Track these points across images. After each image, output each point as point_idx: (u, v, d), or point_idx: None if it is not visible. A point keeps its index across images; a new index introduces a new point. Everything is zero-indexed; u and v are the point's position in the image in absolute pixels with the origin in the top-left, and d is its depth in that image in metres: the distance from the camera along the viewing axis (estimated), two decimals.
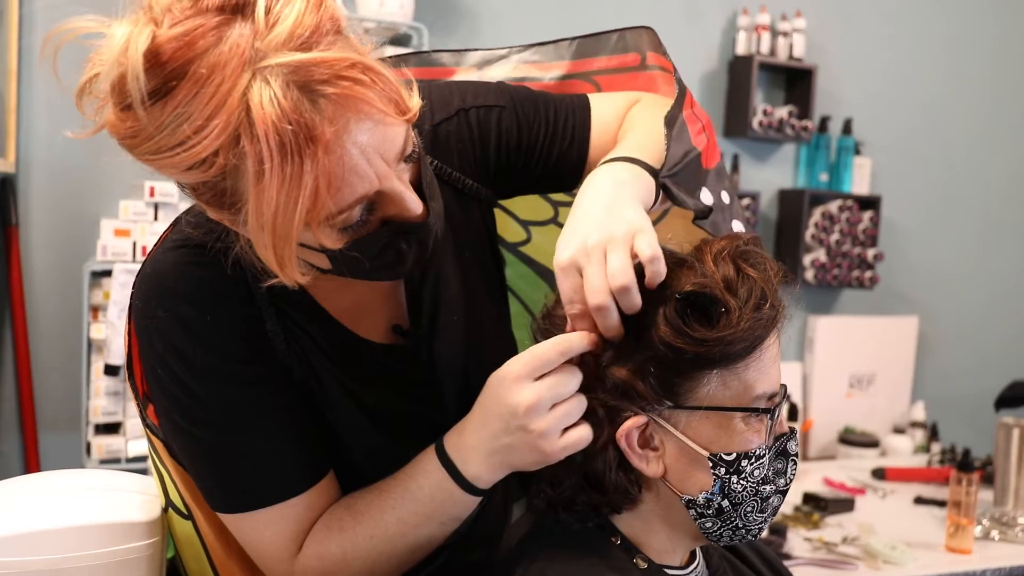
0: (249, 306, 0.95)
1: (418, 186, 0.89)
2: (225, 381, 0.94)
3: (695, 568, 1.01)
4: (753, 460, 0.90)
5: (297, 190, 0.77)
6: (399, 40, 2.42)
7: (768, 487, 0.91)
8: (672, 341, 0.86)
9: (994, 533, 2.22)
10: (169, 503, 1.08)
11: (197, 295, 0.94)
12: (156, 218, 2.16)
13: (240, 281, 0.94)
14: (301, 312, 0.98)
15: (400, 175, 0.86)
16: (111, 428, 2.17)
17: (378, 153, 0.82)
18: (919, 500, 2.49)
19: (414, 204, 0.87)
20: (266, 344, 0.96)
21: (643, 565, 0.94)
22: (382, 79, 0.81)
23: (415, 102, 0.84)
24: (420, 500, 0.96)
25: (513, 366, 0.91)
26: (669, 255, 0.91)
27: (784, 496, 0.95)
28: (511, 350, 1.07)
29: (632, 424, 0.90)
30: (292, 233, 0.78)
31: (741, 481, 0.90)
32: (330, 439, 1.01)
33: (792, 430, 0.95)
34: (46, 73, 2.35)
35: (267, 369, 0.96)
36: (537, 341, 0.94)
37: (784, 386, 0.94)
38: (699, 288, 0.87)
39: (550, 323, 0.96)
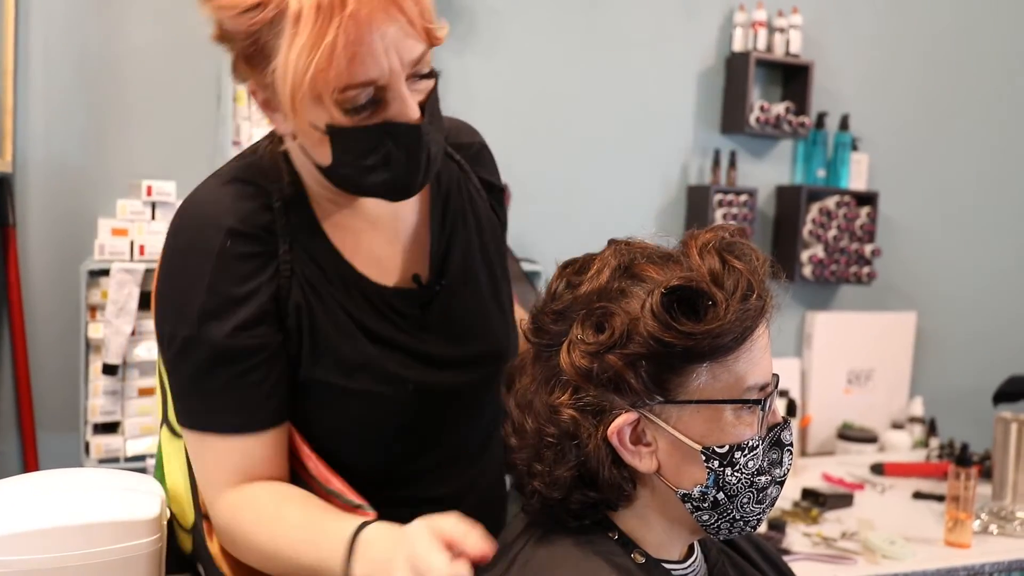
0: (267, 244, 1.05)
1: (424, 106, 1.00)
2: (219, 311, 1.02)
3: (693, 562, 1.01)
4: (747, 452, 0.90)
5: (319, 44, 0.90)
6: None
7: (763, 478, 0.91)
8: (660, 335, 0.86)
9: (993, 527, 2.22)
10: (165, 420, 1.17)
11: (226, 221, 1.04)
12: (153, 217, 2.16)
13: (267, 225, 1.05)
14: (319, 253, 1.08)
15: (411, 87, 0.98)
16: (109, 427, 2.17)
17: (396, 51, 0.95)
18: (918, 495, 2.49)
19: (413, 110, 0.98)
20: (270, 288, 1.05)
21: (641, 560, 0.94)
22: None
23: (442, 32, 0.99)
24: (308, 549, 1.00)
25: (443, 525, 0.93)
26: (655, 250, 0.92)
27: (781, 487, 0.95)
28: (510, 330, 1.20)
29: (623, 421, 0.89)
30: (310, 78, 0.92)
31: (736, 473, 0.90)
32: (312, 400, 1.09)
33: (786, 420, 0.95)
34: (43, 72, 2.37)
35: (261, 314, 1.04)
36: (529, 341, 0.97)
37: (776, 376, 0.94)
38: (685, 282, 0.87)
39: (540, 323, 0.96)
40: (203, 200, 1.08)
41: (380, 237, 1.13)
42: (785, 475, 0.94)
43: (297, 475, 1.12)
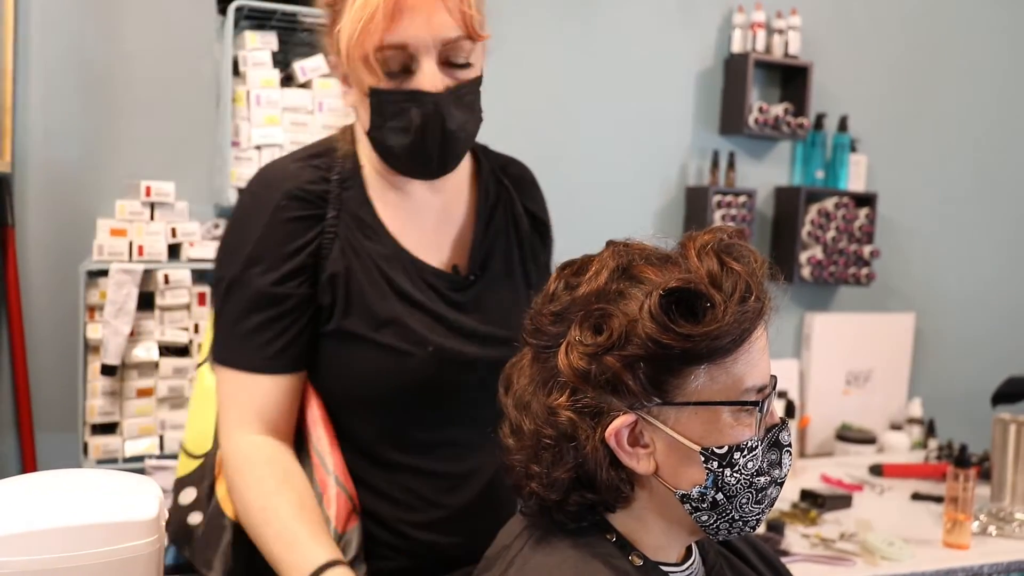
0: (317, 208, 1.21)
1: (452, 90, 1.14)
2: (263, 260, 1.18)
3: (691, 564, 1.01)
4: (746, 453, 0.90)
5: (367, 6, 1.09)
6: None
7: (763, 478, 0.91)
8: (658, 337, 0.86)
9: (991, 528, 2.22)
10: (208, 359, 1.32)
11: (286, 185, 1.21)
12: (152, 218, 2.15)
13: (321, 193, 1.21)
14: (366, 222, 1.23)
15: (445, 72, 1.14)
16: (108, 428, 2.17)
17: (429, 25, 1.10)
18: (916, 496, 2.49)
19: (433, 81, 1.13)
20: (311, 247, 1.20)
21: (638, 562, 0.94)
22: None
23: (482, 28, 1.14)
24: (282, 549, 1.14)
25: None
26: (653, 251, 0.93)
27: (781, 487, 0.95)
28: None
29: (621, 423, 0.89)
30: (356, 36, 1.11)
31: (735, 474, 0.90)
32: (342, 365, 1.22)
33: (784, 421, 0.95)
34: (42, 72, 2.37)
35: (299, 269, 1.19)
36: (527, 343, 0.97)
37: (774, 377, 0.94)
38: (683, 283, 0.87)
39: (538, 324, 0.96)
40: (273, 167, 1.27)
41: (426, 223, 1.27)
42: (784, 476, 0.95)
43: (303, 448, 1.25)
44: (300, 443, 1.26)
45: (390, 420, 1.24)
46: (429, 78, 1.13)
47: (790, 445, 0.94)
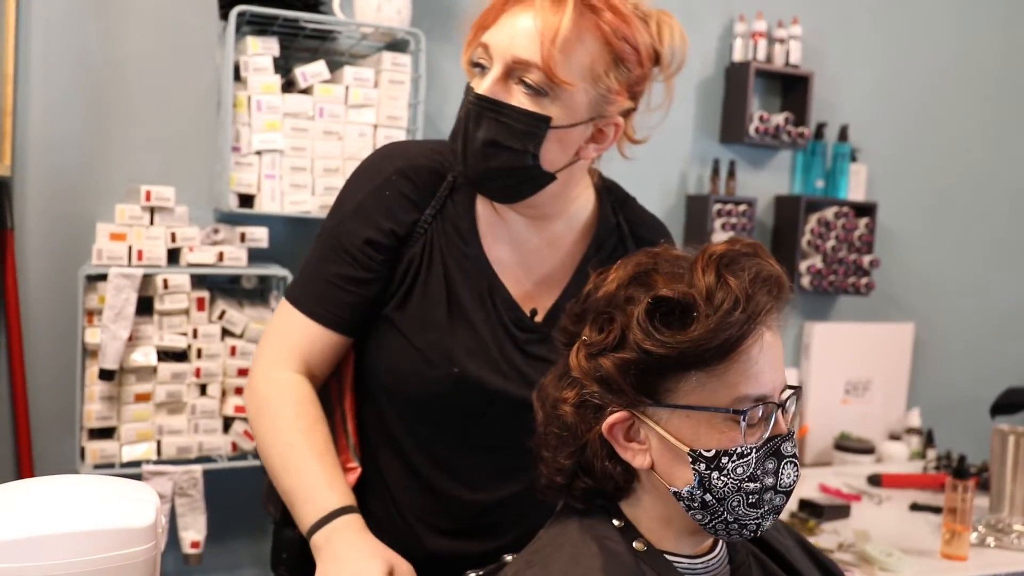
0: (421, 198, 1.25)
1: (495, 104, 1.14)
2: (359, 221, 1.24)
3: (711, 559, 1.04)
4: (735, 458, 0.94)
5: (484, 11, 1.17)
6: (396, 45, 2.42)
7: (754, 484, 0.94)
8: (642, 342, 0.94)
9: (990, 540, 2.22)
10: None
11: (402, 163, 1.25)
12: (152, 222, 2.15)
13: (432, 188, 1.25)
14: (461, 231, 1.26)
15: (513, 88, 1.14)
16: (105, 433, 2.16)
17: (511, 39, 1.12)
18: (915, 507, 2.49)
19: (483, 85, 1.15)
20: (401, 230, 1.24)
21: (642, 548, 1.00)
22: (576, 36, 1.12)
23: (561, 73, 1.12)
24: (300, 485, 1.20)
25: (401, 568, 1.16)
26: (678, 259, 1.00)
27: (786, 496, 0.98)
28: None
29: (616, 419, 0.97)
30: (474, 24, 1.18)
31: (722, 477, 0.94)
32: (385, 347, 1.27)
33: (790, 432, 0.98)
34: (43, 76, 2.37)
35: (384, 244, 1.24)
36: (554, 338, 1.07)
37: (793, 389, 0.99)
38: (671, 294, 0.94)
39: (563, 322, 1.06)
40: (399, 145, 1.33)
41: (520, 257, 1.28)
42: (788, 486, 0.97)
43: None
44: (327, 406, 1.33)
45: (410, 416, 1.28)
46: (485, 81, 1.15)
47: (793, 456, 0.96)
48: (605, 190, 1.38)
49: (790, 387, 0.99)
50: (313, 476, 1.19)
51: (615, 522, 1.02)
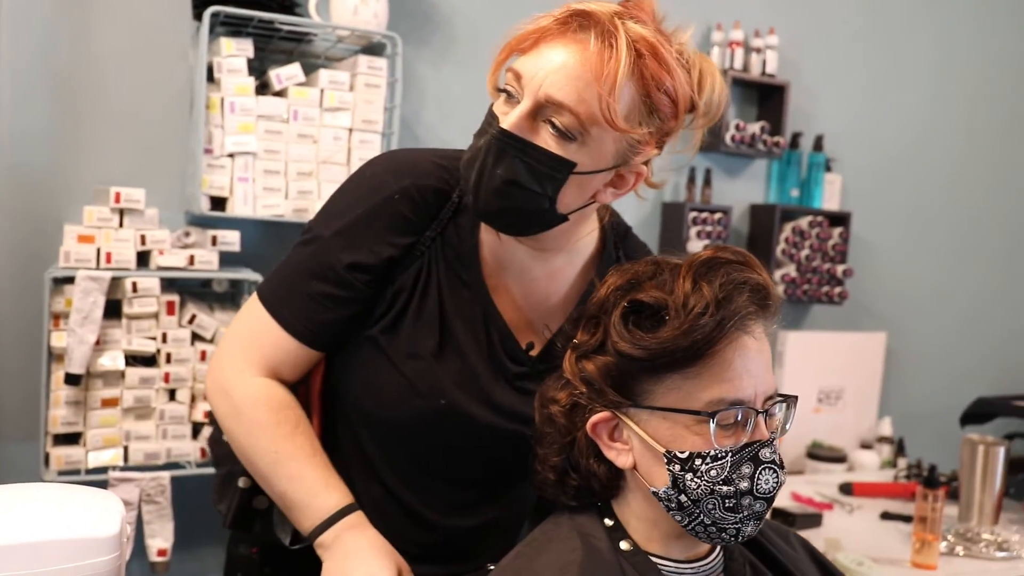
0: (421, 220, 1.19)
1: (520, 142, 1.07)
2: (351, 240, 1.18)
3: (703, 564, 1.06)
4: (708, 460, 0.96)
5: (533, 24, 1.09)
6: (373, 49, 2.40)
7: (728, 488, 0.96)
8: (617, 345, 0.98)
9: (959, 549, 2.23)
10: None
11: (408, 181, 1.18)
12: (121, 224, 2.12)
13: (434, 208, 1.19)
14: (463, 256, 1.21)
15: (541, 126, 1.07)
16: (71, 439, 2.12)
17: (545, 76, 1.05)
18: (885, 515, 2.50)
19: (509, 119, 1.07)
20: (396, 252, 1.19)
21: (627, 548, 1.03)
22: (609, 75, 1.03)
23: (612, 114, 1.04)
24: (298, 488, 1.18)
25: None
26: (674, 267, 1.01)
27: (767, 502, 0.98)
28: None
29: (599, 419, 1.01)
30: (506, 44, 1.12)
31: (696, 479, 0.96)
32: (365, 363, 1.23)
33: (771, 438, 0.98)
34: (10, 74, 2.32)
35: (374, 267, 1.18)
36: (556, 341, 1.13)
37: (784, 397, 1.02)
38: (646, 299, 0.97)
39: (563, 327, 1.12)
40: (409, 155, 1.25)
41: (522, 288, 1.24)
42: (769, 492, 0.98)
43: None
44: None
45: (390, 441, 1.26)
46: (510, 115, 1.07)
47: (772, 462, 0.97)
48: (610, 225, 1.33)
49: (783, 396, 1.01)
50: (308, 481, 1.18)
51: (606, 521, 1.05)
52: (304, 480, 1.18)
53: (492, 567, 1.10)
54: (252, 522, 1.31)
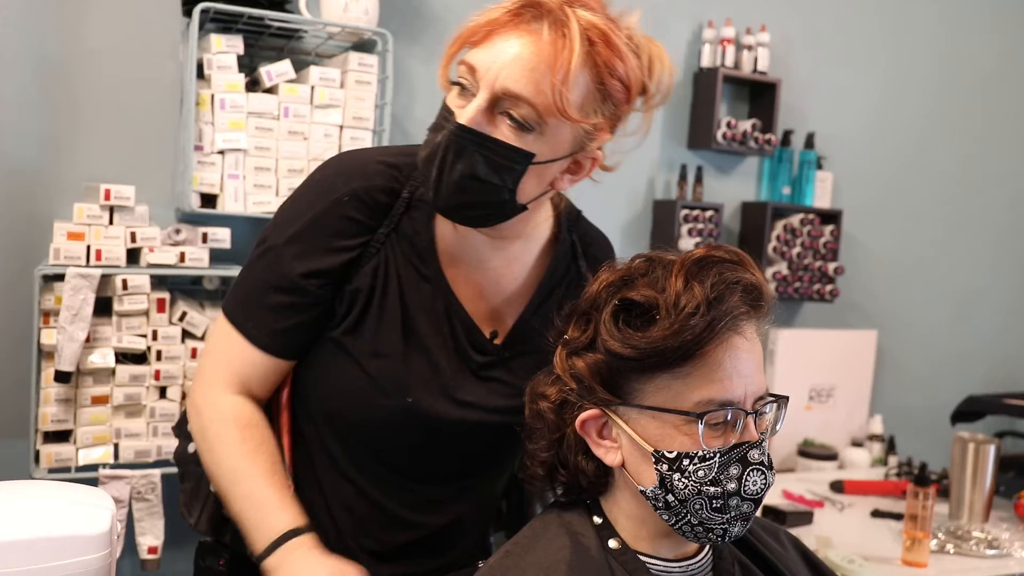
0: (373, 219, 1.19)
1: (479, 136, 1.07)
2: (304, 245, 1.17)
3: (691, 564, 1.06)
4: (696, 461, 0.96)
5: (483, 17, 1.09)
6: (364, 46, 2.40)
7: (715, 488, 0.96)
8: (607, 343, 0.97)
9: (949, 547, 2.24)
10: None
11: (356, 183, 1.18)
12: (111, 221, 2.11)
13: (384, 206, 1.19)
14: (419, 250, 1.21)
15: (498, 118, 1.07)
16: (61, 436, 2.11)
17: (500, 69, 1.05)
18: (876, 513, 2.51)
19: (466, 114, 1.07)
20: (350, 254, 1.18)
21: (615, 546, 1.03)
22: (578, 73, 1.05)
23: (564, 103, 1.05)
24: (250, 507, 1.17)
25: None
26: (668, 264, 1.01)
27: (754, 503, 0.99)
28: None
29: (588, 416, 1.01)
30: (457, 36, 1.11)
31: (683, 479, 0.96)
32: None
33: (760, 439, 0.98)
34: None
35: (330, 269, 1.18)
36: (547, 336, 1.10)
37: (775, 397, 1.02)
38: (636, 297, 0.97)
39: (553, 322, 1.10)
40: (355, 158, 1.24)
41: (480, 278, 1.24)
42: (756, 493, 0.98)
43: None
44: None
45: (356, 442, 1.25)
46: (467, 109, 1.08)
47: (761, 464, 0.97)
48: (564, 209, 1.34)
49: (773, 396, 1.01)
50: (261, 500, 1.17)
51: (595, 519, 1.05)
52: (256, 500, 1.17)
53: (481, 564, 1.09)
54: (223, 530, 1.31)
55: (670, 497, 0.97)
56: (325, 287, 1.19)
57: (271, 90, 2.26)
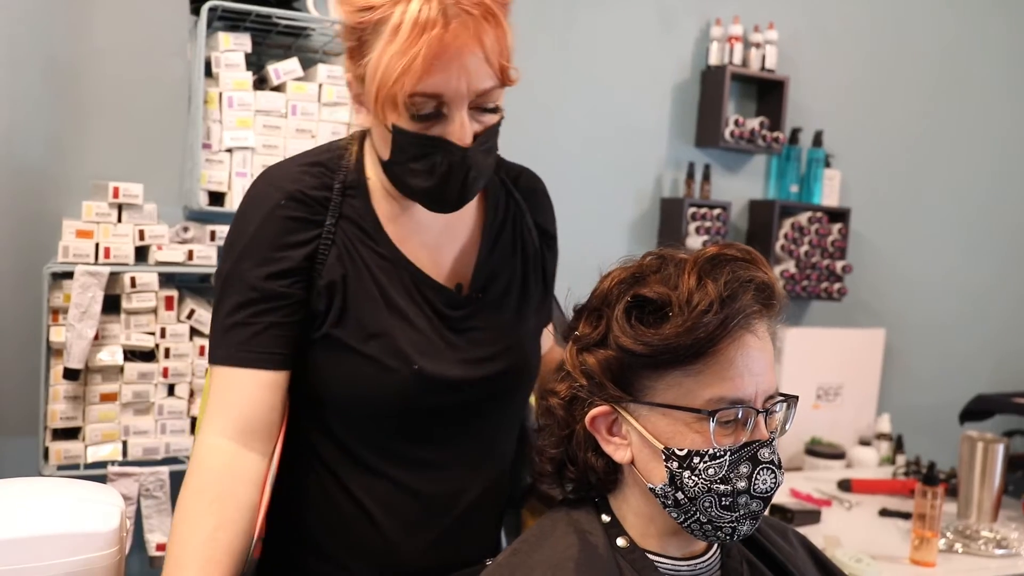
0: (316, 213, 1.20)
1: (479, 135, 1.13)
2: (257, 256, 1.17)
3: (700, 562, 1.05)
4: (707, 459, 0.96)
5: (406, 53, 1.05)
6: None
7: (725, 487, 0.96)
8: (619, 340, 0.97)
9: (958, 546, 2.23)
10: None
11: (287, 186, 1.20)
12: (120, 219, 2.11)
13: (322, 199, 1.21)
14: (368, 233, 1.22)
15: (474, 116, 1.12)
16: (70, 433, 2.12)
17: (467, 79, 1.08)
18: (884, 512, 2.50)
19: (464, 133, 1.11)
20: (306, 250, 1.19)
21: (624, 544, 1.03)
22: (501, 35, 1.09)
23: (516, 75, 1.11)
24: (172, 568, 1.07)
25: None
26: (680, 262, 1.01)
27: (763, 502, 0.98)
28: (530, 360, 1.30)
29: (598, 412, 1.01)
30: (391, 81, 1.07)
31: (693, 477, 0.96)
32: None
33: (770, 438, 0.97)
34: (7, 68, 2.32)
35: (291, 269, 1.18)
36: (560, 334, 1.12)
37: (785, 396, 1.02)
38: (649, 294, 0.97)
39: (567, 318, 1.10)
40: (278, 168, 1.25)
41: (430, 238, 1.27)
42: (766, 492, 0.98)
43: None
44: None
45: (372, 429, 1.24)
46: (459, 130, 1.11)
47: (771, 463, 0.97)
48: None
49: (783, 395, 1.01)
50: (183, 564, 1.07)
51: (604, 517, 1.05)
52: (180, 562, 1.07)
53: (489, 562, 1.09)
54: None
55: (679, 495, 0.97)
56: (294, 285, 1.19)
57: (279, 88, 2.26)
